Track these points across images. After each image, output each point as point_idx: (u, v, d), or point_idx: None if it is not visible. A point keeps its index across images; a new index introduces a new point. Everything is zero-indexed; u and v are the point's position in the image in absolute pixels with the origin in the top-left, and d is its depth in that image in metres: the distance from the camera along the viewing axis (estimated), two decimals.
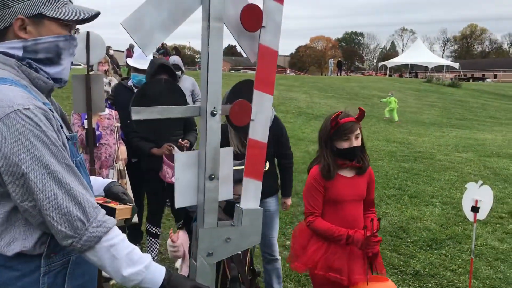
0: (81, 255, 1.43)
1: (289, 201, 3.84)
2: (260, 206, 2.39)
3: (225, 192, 1.81)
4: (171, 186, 1.65)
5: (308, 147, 10.40)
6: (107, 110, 4.23)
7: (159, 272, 1.49)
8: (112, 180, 1.96)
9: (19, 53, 1.45)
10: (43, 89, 1.51)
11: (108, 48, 13.97)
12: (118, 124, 4.33)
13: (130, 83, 4.81)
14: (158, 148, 4.07)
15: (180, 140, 4.09)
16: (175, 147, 3.99)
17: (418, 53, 44.17)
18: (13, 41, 1.45)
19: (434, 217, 5.98)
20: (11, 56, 1.45)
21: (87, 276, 1.62)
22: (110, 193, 1.88)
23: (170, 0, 1.54)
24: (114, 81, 6.83)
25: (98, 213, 1.42)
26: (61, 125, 1.49)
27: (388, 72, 48.88)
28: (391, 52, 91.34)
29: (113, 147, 4.29)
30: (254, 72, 1.78)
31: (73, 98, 3.67)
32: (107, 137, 4.26)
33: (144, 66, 4.78)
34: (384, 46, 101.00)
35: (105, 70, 7.09)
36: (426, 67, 44.59)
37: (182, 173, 1.73)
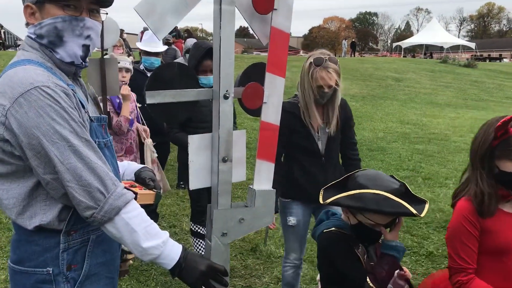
0: (101, 227, 1.48)
1: None
2: (326, 209, 2.30)
3: (238, 174, 1.84)
4: None
5: None
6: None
7: (176, 249, 1.53)
8: (144, 166, 2.01)
9: (33, 37, 1.51)
10: (66, 71, 1.55)
11: (122, 31, 13.97)
12: (139, 104, 4.27)
13: (141, 66, 4.83)
14: None
15: None
16: None
17: (434, 33, 43.40)
18: (30, 27, 1.51)
19: (448, 199, 5.95)
20: (34, 40, 1.50)
21: (108, 255, 1.67)
22: (139, 178, 1.92)
23: None
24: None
25: (118, 185, 1.46)
26: (82, 105, 1.53)
27: (402, 52, 48.24)
28: (406, 32, 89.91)
29: (135, 131, 4.20)
30: (267, 54, 1.79)
31: (88, 82, 3.71)
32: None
33: (155, 49, 4.75)
34: (399, 26, 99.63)
35: (120, 53, 7.13)
36: (442, 47, 43.83)
37: (196, 155, 1.76)
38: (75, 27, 1.50)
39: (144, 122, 4.33)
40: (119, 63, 3.89)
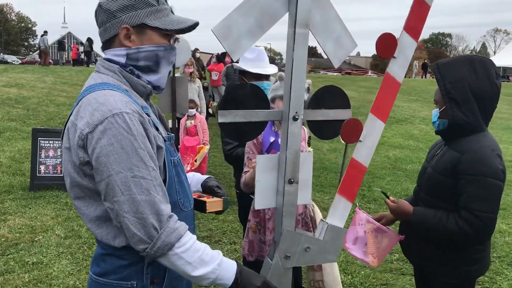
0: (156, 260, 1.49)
1: None
2: None
3: (304, 197, 1.82)
4: None
5: (389, 152, 10.09)
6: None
7: (231, 267, 1.54)
8: (209, 176, 2.05)
9: (122, 60, 1.56)
10: (142, 93, 1.61)
11: (196, 50, 14.37)
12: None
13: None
14: None
15: None
16: None
17: None
18: (118, 49, 1.56)
19: None
20: (114, 62, 1.56)
21: None
22: (206, 187, 1.97)
23: (257, 8, 1.58)
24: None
25: (170, 220, 1.46)
26: (156, 128, 1.57)
27: None
28: (482, 54, 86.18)
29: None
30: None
31: (159, 99, 3.85)
32: None
33: (265, 70, 3.34)
34: (474, 47, 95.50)
35: (190, 72, 7.35)
36: None
37: (262, 175, 1.76)
38: (170, 56, 1.62)
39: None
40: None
